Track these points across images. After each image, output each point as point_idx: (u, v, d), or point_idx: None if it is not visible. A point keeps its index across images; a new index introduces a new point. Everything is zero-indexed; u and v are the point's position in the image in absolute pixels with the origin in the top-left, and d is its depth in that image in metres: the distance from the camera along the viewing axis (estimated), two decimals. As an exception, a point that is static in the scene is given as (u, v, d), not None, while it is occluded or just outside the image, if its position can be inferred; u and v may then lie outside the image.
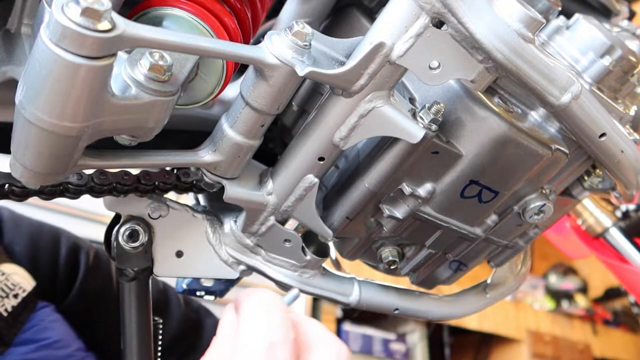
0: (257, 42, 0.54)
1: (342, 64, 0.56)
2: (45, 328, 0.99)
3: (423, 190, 0.66)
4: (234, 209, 0.71)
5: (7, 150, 0.53)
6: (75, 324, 1.06)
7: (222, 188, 0.65)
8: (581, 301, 4.41)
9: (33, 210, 1.37)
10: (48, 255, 1.06)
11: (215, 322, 1.17)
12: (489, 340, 4.15)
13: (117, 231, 0.70)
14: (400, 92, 0.64)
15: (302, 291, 0.75)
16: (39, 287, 1.01)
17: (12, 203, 0.65)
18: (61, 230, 1.11)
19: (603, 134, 0.63)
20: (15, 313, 0.96)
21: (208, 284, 0.93)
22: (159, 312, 1.08)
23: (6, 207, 1.09)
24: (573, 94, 0.58)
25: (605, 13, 0.88)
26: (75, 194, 0.63)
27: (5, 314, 0.95)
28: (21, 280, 0.99)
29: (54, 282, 1.05)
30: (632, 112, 0.72)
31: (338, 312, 2.93)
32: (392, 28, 0.54)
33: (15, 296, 0.96)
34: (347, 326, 2.99)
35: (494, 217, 0.72)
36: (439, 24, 0.54)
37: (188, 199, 0.82)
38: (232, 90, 0.70)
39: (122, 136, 0.54)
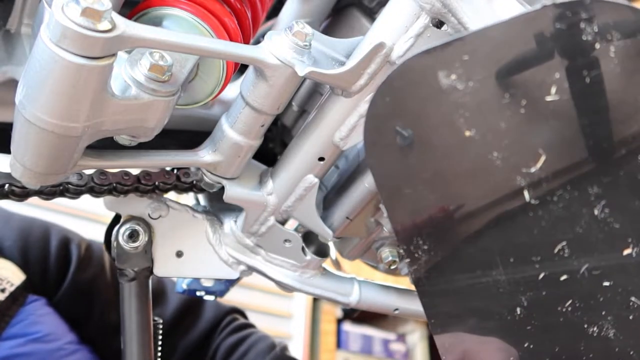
0: (257, 42, 0.54)
1: (342, 64, 0.56)
2: (35, 322, 0.98)
3: (423, 190, 0.66)
4: (234, 209, 0.71)
5: (7, 150, 0.53)
6: (68, 316, 1.05)
7: (222, 188, 0.65)
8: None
9: (33, 210, 1.37)
10: (39, 249, 1.05)
11: (213, 303, 1.17)
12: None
13: (117, 231, 0.71)
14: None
15: (302, 291, 0.75)
16: (29, 281, 1.00)
17: (12, 203, 0.64)
18: (51, 225, 1.11)
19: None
20: (2, 308, 0.95)
21: (208, 284, 0.93)
22: (156, 298, 1.08)
23: None
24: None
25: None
26: (75, 194, 0.63)
27: None
28: (9, 274, 0.98)
29: (45, 275, 1.05)
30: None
31: (338, 312, 2.93)
32: (392, 28, 0.54)
33: (3, 291, 0.96)
34: (347, 326, 2.99)
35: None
36: (439, 24, 0.54)
37: (188, 199, 0.82)
38: (232, 90, 0.70)
39: (122, 136, 0.54)
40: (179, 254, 0.73)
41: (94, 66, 0.43)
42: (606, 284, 0.39)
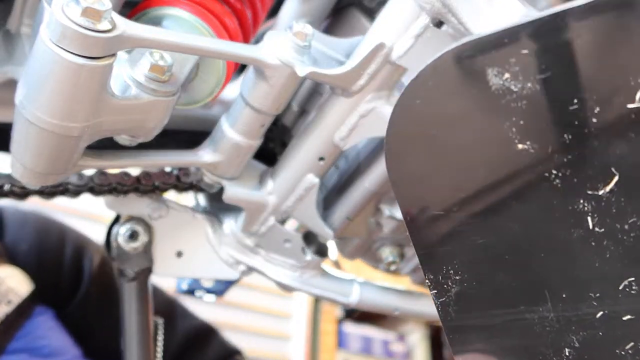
0: (257, 42, 0.54)
1: (342, 64, 0.56)
2: (40, 337, 0.95)
3: (423, 190, 0.66)
4: (234, 209, 0.71)
5: (7, 149, 0.53)
6: (78, 328, 1.03)
7: (222, 188, 0.65)
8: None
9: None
10: (53, 257, 1.02)
11: (219, 341, 1.15)
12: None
13: (117, 231, 0.71)
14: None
15: (302, 291, 0.75)
16: (39, 289, 0.98)
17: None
18: (67, 229, 1.08)
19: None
20: (7, 321, 0.92)
21: (208, 284, 0.93)
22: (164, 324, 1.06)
23: (11, 205, 1.05)
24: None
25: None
26: (75, 193, 0.63)
27: None
28: (15, 284, 0.94)
29: (57, 284, 1.02)
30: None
31: (338, 312, 2.93)
32: (392, 28, 0.54)
33: (9, 303, 0.92)
34: (347, 327, 2.99)
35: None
36: (439, 23, 0.54)
37: (188, 199, 0.82)
38: (232, 90, 0.70)
39: (122, 136, 0.54)
40: (179, 254, 0.73)
41: (94, 66, 0.43)
42: None
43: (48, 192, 0.62)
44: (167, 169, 0.67)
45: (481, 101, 0.33)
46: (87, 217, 2.01)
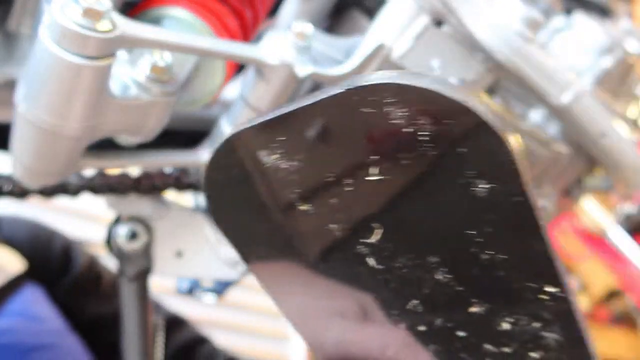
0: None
1: (342, 64, 0.56)
2: (32, 304, 0.99)
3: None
4: (234, 209, 0.71)
5: (7, 148, 0.53)
6: (64, 307, 1.07)
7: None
8: (581, 301, 4.41)
9: (34, 210, 1.37)
10: (44, 247, 1.09)
11: (209, 347, 1.18)
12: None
13: (117, 231, 0.71)
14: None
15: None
16: (30, 269, 1.02)
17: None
18: (56, 232, 1.15)
19: (603, 134, 0.63)
20: None
21: (208, 284, 0.93)
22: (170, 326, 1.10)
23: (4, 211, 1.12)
24: (573, 94, 0.58)
25: (604, 12, 0.88)
26: (75, 192, 0.63)
27: None
28: (7, 263, 0.98)
29: (48, 264, 1.08)
30: (630, 113, 0.72)
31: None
32: (392, 28, 0.54)
33: None
34: (347, 326, 2.99)
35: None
36: (439, 23, 0.54)
37: (188, 199, 0.82)
38: (232, 90, 0.70)
39: (122, 136, 0.54)
40: (179, 254, 0.73)
41: (94, 66, 0.43)
42: (461, 334, 0.41)
43: (48, 192, 0.62)
44: (167, 169, 0.67)
45: (262, 175, 0.39)
46: (87, 217, 2.02)
